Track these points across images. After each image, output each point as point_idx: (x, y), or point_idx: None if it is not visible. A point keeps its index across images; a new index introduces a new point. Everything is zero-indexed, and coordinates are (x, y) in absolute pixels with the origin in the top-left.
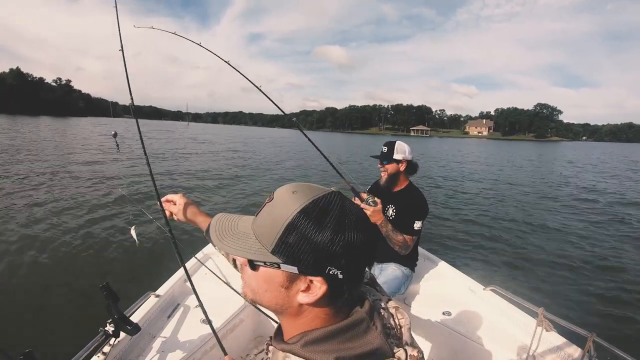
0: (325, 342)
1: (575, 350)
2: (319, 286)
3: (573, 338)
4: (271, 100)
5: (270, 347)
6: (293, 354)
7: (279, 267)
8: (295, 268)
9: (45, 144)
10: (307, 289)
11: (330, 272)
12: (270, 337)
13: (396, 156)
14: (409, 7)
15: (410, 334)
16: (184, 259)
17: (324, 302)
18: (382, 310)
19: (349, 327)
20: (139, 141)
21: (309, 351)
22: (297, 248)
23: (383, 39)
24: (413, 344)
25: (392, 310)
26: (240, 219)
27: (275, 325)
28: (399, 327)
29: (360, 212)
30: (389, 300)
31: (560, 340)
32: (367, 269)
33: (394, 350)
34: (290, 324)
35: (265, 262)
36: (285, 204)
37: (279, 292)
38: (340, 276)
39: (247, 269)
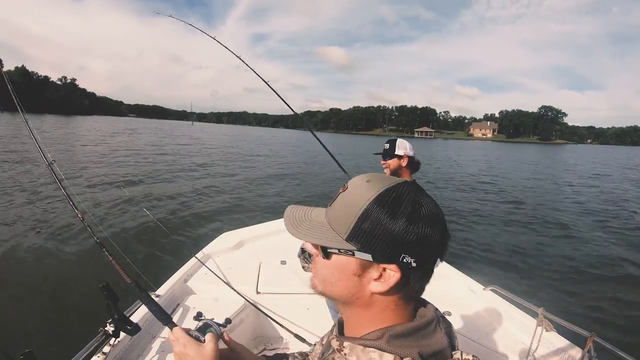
0: (407, 338)
1: (575, 351)
2: (392, 274)
3: (573, 338)
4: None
5: (346, 343)
6: (378, 349)
7: (353, 254)
8: (370, 255)
9: (53, 142)
10: (380, 277)
11: (404, 260)
12: (330, 332)
13: (398, 152)
14: (414, 8)
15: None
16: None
17: (394, 291)
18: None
19: (424, 326)
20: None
21: (394, 346)
22: (372, 235)
23: (388, 40)
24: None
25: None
26: (313, 210)
27: (276, 325)
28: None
29: (434, 204)
30: (436, 308)
31: (560, 340)
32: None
33: (452, 352)
34: (360, 315)
35: (339, 250)
36: (360, 192)
37: (352, 280)
38: (414, 264)
39: (320, 258)
